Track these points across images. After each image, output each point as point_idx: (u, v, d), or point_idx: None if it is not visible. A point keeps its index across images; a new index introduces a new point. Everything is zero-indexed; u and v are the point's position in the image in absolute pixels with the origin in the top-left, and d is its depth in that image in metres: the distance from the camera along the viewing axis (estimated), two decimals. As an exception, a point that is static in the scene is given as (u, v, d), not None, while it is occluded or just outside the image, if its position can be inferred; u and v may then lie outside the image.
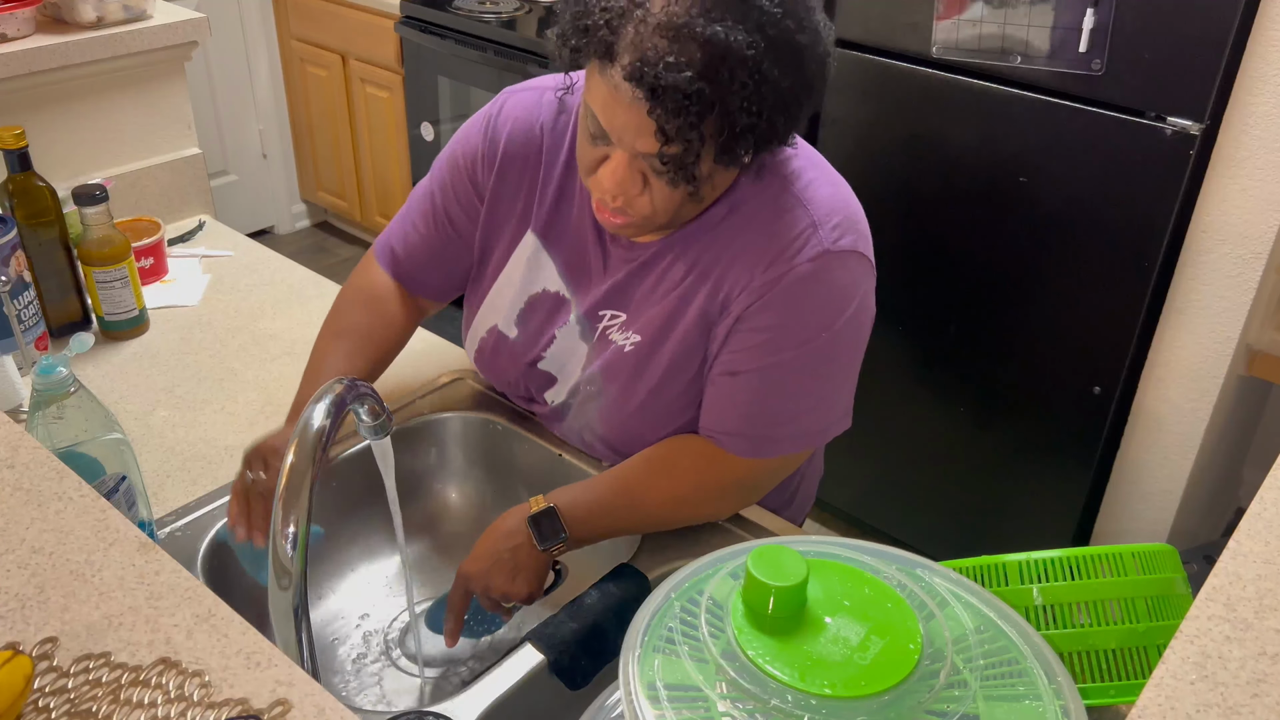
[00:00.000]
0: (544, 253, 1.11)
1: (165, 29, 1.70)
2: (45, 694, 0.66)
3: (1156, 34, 1.65)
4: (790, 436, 1.05)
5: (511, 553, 1.05)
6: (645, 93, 0.83)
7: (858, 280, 1.01)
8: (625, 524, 1.09)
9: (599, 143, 0.91)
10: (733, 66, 0.82)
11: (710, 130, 0.85)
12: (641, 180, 0.92)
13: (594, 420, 1.15)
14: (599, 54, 0.86)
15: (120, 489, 0.99)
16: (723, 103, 0.83)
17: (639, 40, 0.83)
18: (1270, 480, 0.73)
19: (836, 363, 1.04)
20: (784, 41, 0.84)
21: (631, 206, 0.94)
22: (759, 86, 0.83)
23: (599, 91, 0.88)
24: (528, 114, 1.09)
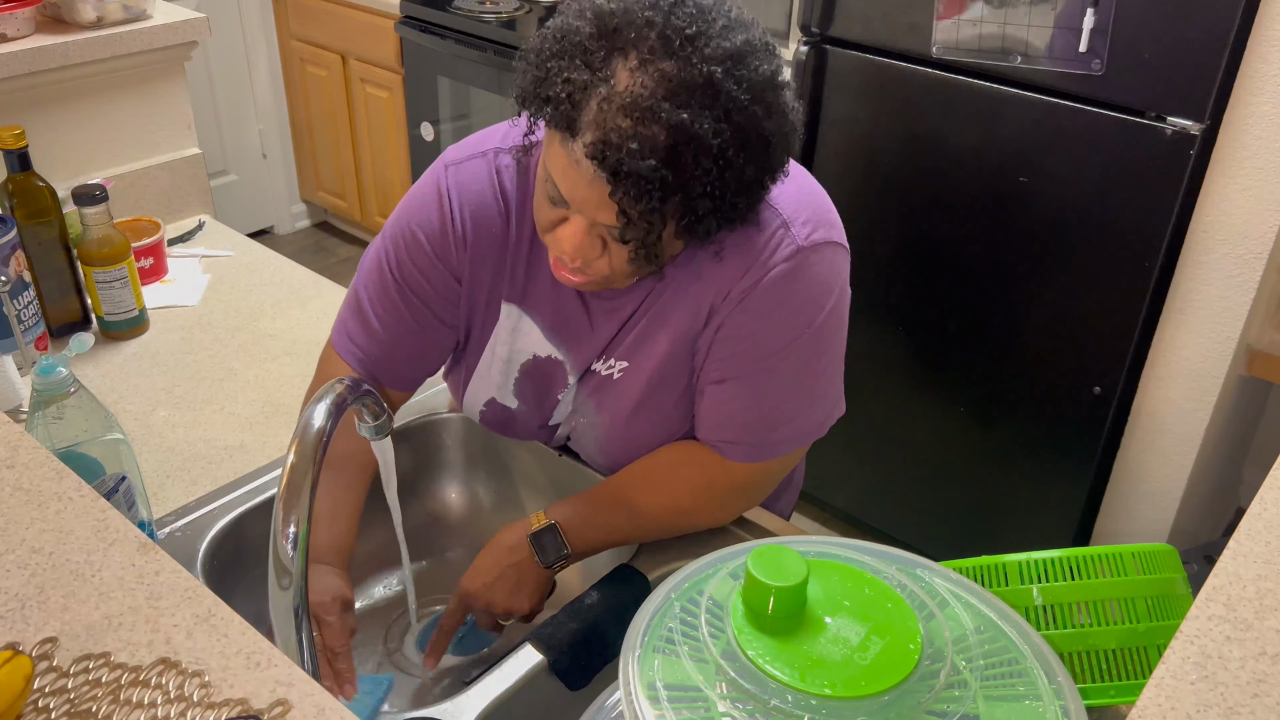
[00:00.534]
0: (525, 318, 1.07)
1: (165, 29, 1.70)
2: (45, 694, 0.66)
3: (1156, 34, 1.65)
4: (788, 437, 1.05)
5: (515, 569, 1.04)
6: (608, 175, 0.81)
7: (835, 271, 1.01)
8: (626, 535, 1.09)
9: (558, 206, 0.89)
10: (697, 154, 0.80)
11: (671, 212, 0.83)
12: (601, 244, 0.90)
13: (593, 451, 1.15)
14: (559, 126, 0.83)
15: (120, 489, 0.99)
16: (685, 189, 0.81)
17: (602, 119, 0.80)
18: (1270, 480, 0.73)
19: (823, 357, 1.03)
20: (751, 128, 0.82)
21: (590, 267, 0.92)
22: (723, 173, 0.81)
23: (559, 160, 0.85)
24: (480, 184, 1.03)
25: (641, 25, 0.81)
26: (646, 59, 0.80)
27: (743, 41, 0.82)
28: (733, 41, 0.81)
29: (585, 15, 0.84)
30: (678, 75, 0.79)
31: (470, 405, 1.17)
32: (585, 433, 1.14)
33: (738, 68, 0.81)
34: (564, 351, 1.08)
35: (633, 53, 0.80)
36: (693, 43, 0.80)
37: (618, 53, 0.81)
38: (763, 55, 0.83)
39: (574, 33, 0.83)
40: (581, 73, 0.81)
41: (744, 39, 0.82)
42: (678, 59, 0.79)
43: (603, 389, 1.08)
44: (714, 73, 0.79)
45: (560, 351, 1.08)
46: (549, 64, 0.84)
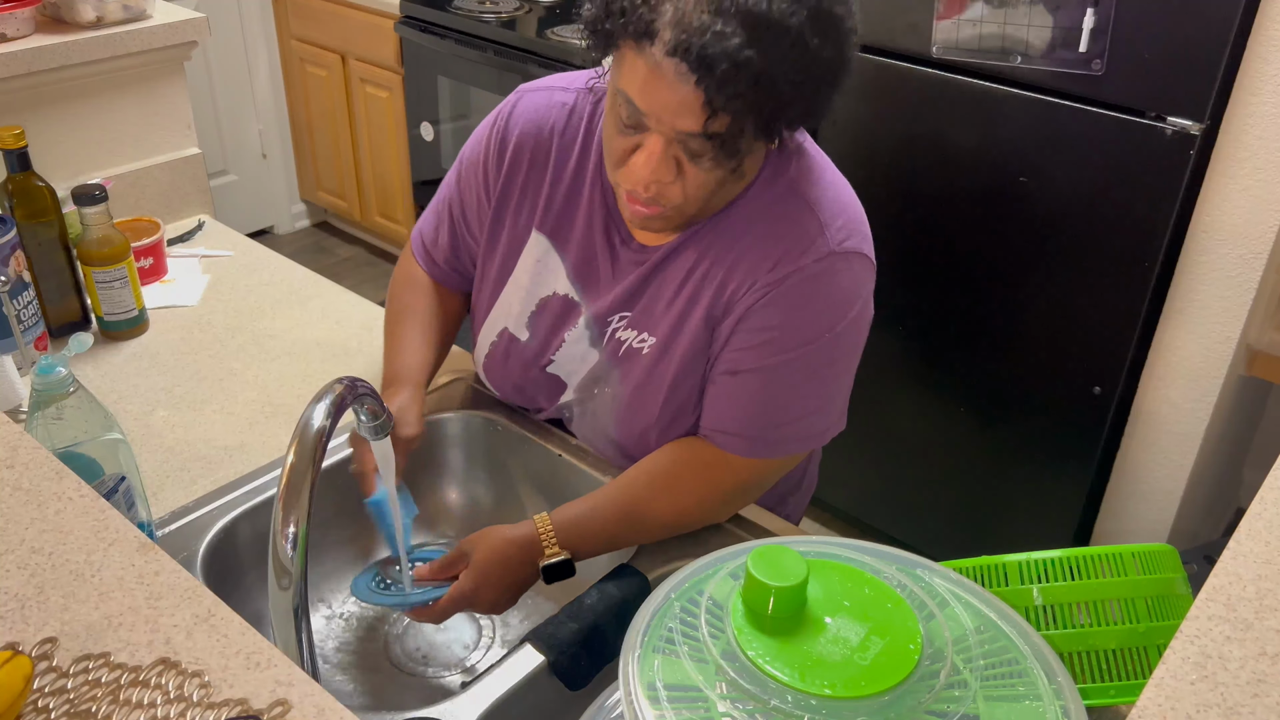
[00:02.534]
0: (554, 254, 1.11)
1: (165, 29, 1.70)
2: (45, 694, 0.66)
3: (1156, 34, 1.65)
4: (790, 437, 1.05)
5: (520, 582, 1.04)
6: (692, 64, 0.82)
7: (861, 282, 1.01)
8: (629, 542, 1.09)
9: (631, 132, 0.91)
10: (777, 35, 0.81)
11: (755, 102, 0.84)
12: (675, 167, 0.91)
13: (607, 423, 1.14)
14: (637, 34, 0.85)
15: (120, 489, 0.99)
16: (769, 72, 0.82)
17: (680, 15, 0.82)
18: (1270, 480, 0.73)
19: (837, 365, 1.04)
20: (824, 11, 0.84)
21: (664, 195, 0.93)
22: (802, 55, 0.83)
23: (636, 73, 0.87)
24: (538, 115, 1.10)
25: None
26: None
27: None
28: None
29: None
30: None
31: (486, 335, 1.20)
32: (603, 404, 1.14)
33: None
34: (581, 294, 1.11)
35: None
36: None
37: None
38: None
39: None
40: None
41: None
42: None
43: (629, 361, 1.09)
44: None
45: (579, 294, 1.11)
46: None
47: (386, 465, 1.05)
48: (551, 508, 1.09)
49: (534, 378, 1.18)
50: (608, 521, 1.06)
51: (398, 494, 1.06)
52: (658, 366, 1.07)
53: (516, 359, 1.18)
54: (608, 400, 1.13)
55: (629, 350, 1.09)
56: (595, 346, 1.11)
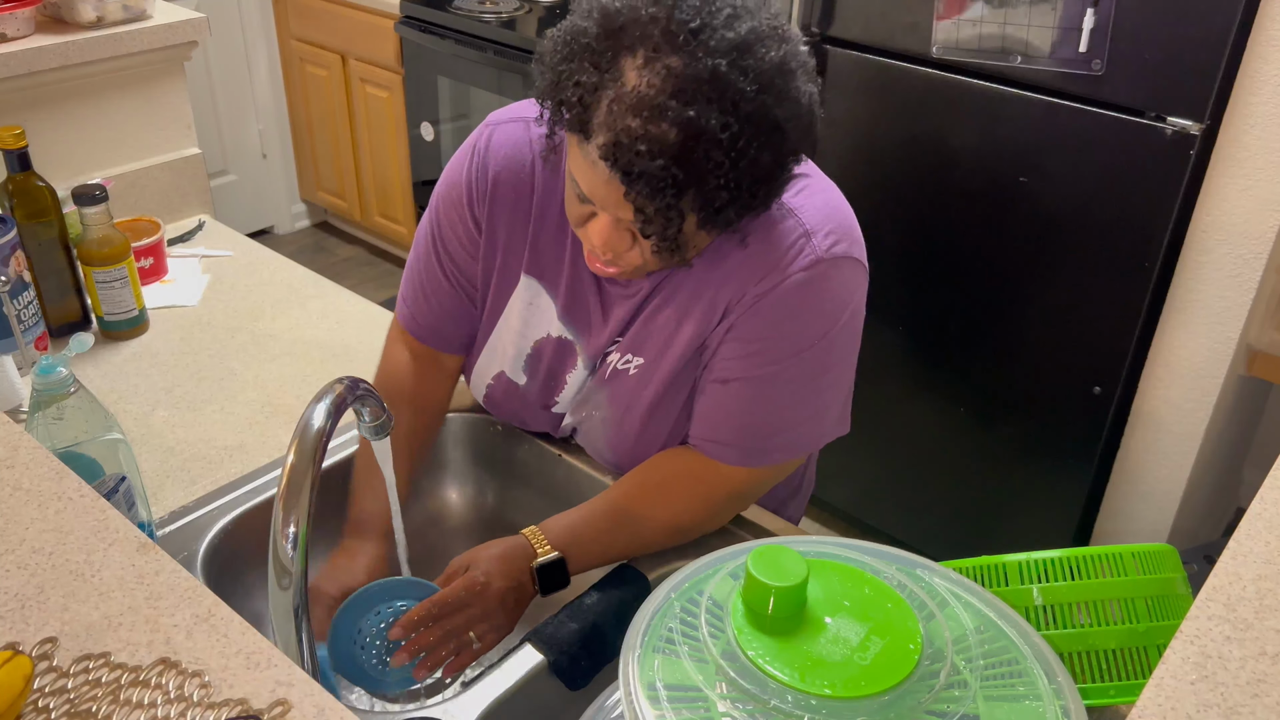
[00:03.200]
0: (544, 295, 1.08)
1: (165, 29, 1.70)
2: (45, 694, 0.66)
3: (1156, 34, 1.65)
4: (782, 446, 1.04)
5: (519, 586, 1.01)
6: (620, 175, 0.81)
7: (852, 287, 1.00)
8: (623, 553, 1.08)
9: (585, 203, 0.90)
10: (708, 148, 0.79)
11: (690, 206, 0.84)
12: (630, 237, 0.91)
13: (600, 445, 1.14)
14: (574, 128, 0.84)
15: (120, 489, 0.99)
16: (699, 184, 0.81)
17: (612, 120, 0.81)
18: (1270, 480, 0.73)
19: (831, 372, 1.03)
20: (761, 117, 0.81)
21: (621, 259, 0.93)
22: (736, 164, 0.81)
23: (578, 160, 0.87)
24: (517, 150, 1.05)
25: (646, 22, 0.81)
26: (652, 56, 0.80)
27: (748, 30, 0.81)
28: (737, 31, 0.81)
29: (592, 15, 0.84)
30: (684, 71, 0.79)
31: (479, 378, 1.17)
32: (594, 427, 1.13)
33: (744, 58, 0.80)
34: (574, 334, 1.09)
35: (639, 50, 0.81)
36: (697, 36, 0.80)
37: (625, 51, 0.81)
38: (770, 42, 0.82)
39: (581, 34, 0.84)
40: (590, 75, 0.82)
41: (750, 27, 0.81)
42: (683, 54, 0.79)
43: (616, 382, 1.08)
44: (719, 65, 0.79)
45: (571, 333, 1.09)
46: (560, 67, 0.85)
47: (386, 465, 1.05)
48: (551, 508, 1.09)
49: (537, 415, 1.18)
50: (601, 529, 1.05)
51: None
52: (645, 387, 1.06)
53: (518, 401, 1.17)
54: (598, 422, 1.12)
55: (614, 372, 1.08)
56: (592, 376, 1.11)
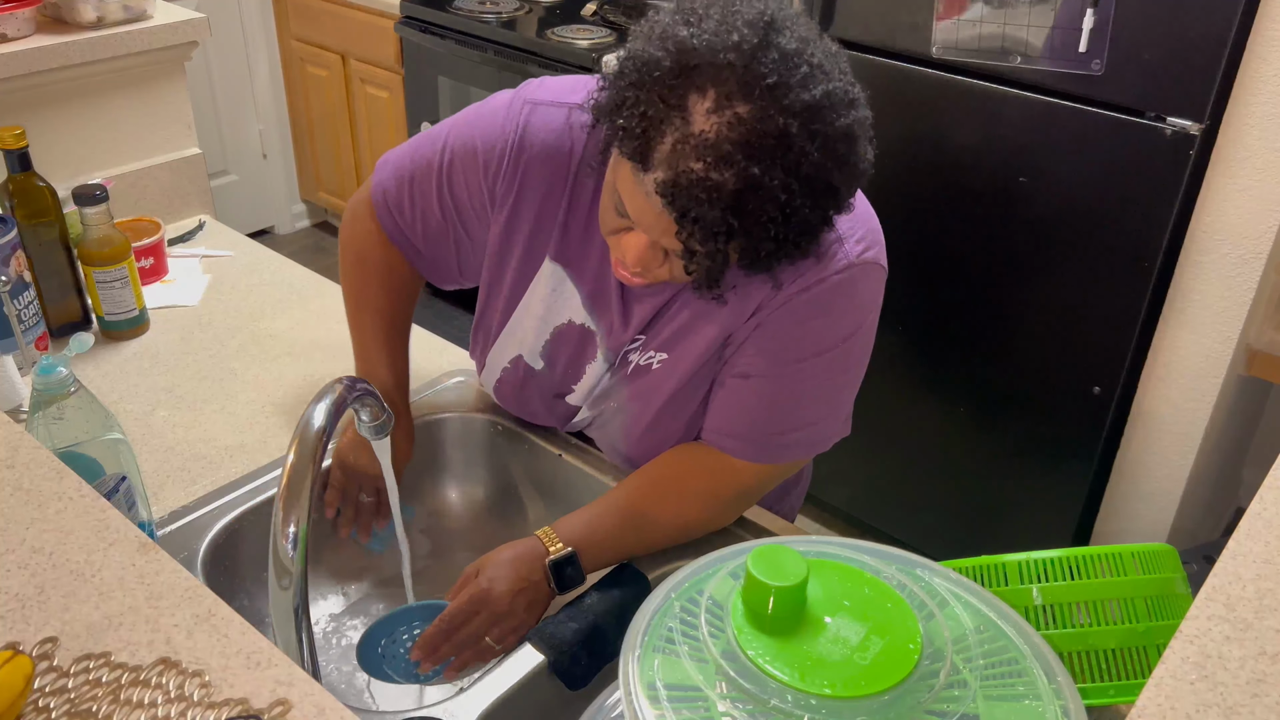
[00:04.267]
0: (569, 282, 1.07)
1: (165, 29, 1.70)
2: (45, 694, 0.66)
3: (1156, 34, 1.65)
4: (796, 443, 1.05)
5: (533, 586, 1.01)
6: (676, 214, 0.81)
7: (876, 292, 1.02)
8: (634, 551, 1.08)
9: (623, 217, 0.89)
10: (764, 202, 0.80)
11: (734, 249, 0.84)
12: (663, 255, 0.90)
13: (617, 439, 1.14)
14: (633, 156, 0.83)
15: (120, 489, 0.99)
16: (749, 234, 0.81)
17: (675, 159, 0.80)
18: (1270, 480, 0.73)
19: (850, 372, 1.04)
20: (819, 180, 0.81)
21: (650, 273, 0.93)
22: (787, 220, 0.81)
23: (629, 184, 0.85)
24: (556, 137, 1.03)
25: (723, 67, 0.79)
26: (724, 103, 0.79)
27: (823, 94, 0.80)
28: (812, 94, 0.80)
29: (667, 46, 0.82)
30: (753, 123, 0.78)
31: (494, 362, 1.17)
32: (611, 420, 1.13)
33: (814, 121, 0.80)
34: (596, 324, 1.08)
35: (711, 91, 0.80)
36: (772, 92, 0.79)
37: (695, 90, 0.80)
38: (842, 107, 0.82)
39: (654, 64, 0.82)
40: (658, 108, 0.81)
41: (824, 90, 0.81)
42: (755, 105, 0.79)
43: (638, 378, 1.08)
44: (790, 125, 0.78)
45: (593, 323, 1.08)
46: (626, 92, 0.84)
47: (386, 464, 1.05)
48: (552, 509, 1.09)
49: (550, 405, 1.18)
50: (611, 526, 1.05)
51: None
52: (667, 381, 1.06)
53: (534, 389, 1.16)
54: (615, 415, 1.12)
55: (637, 368, 1.08)
56: (612, 371, 1.10)
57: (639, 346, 1.07)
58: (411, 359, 1.22)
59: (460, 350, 1.39)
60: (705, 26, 0.82)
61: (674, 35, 0.83)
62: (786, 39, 0.81)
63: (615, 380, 1.10)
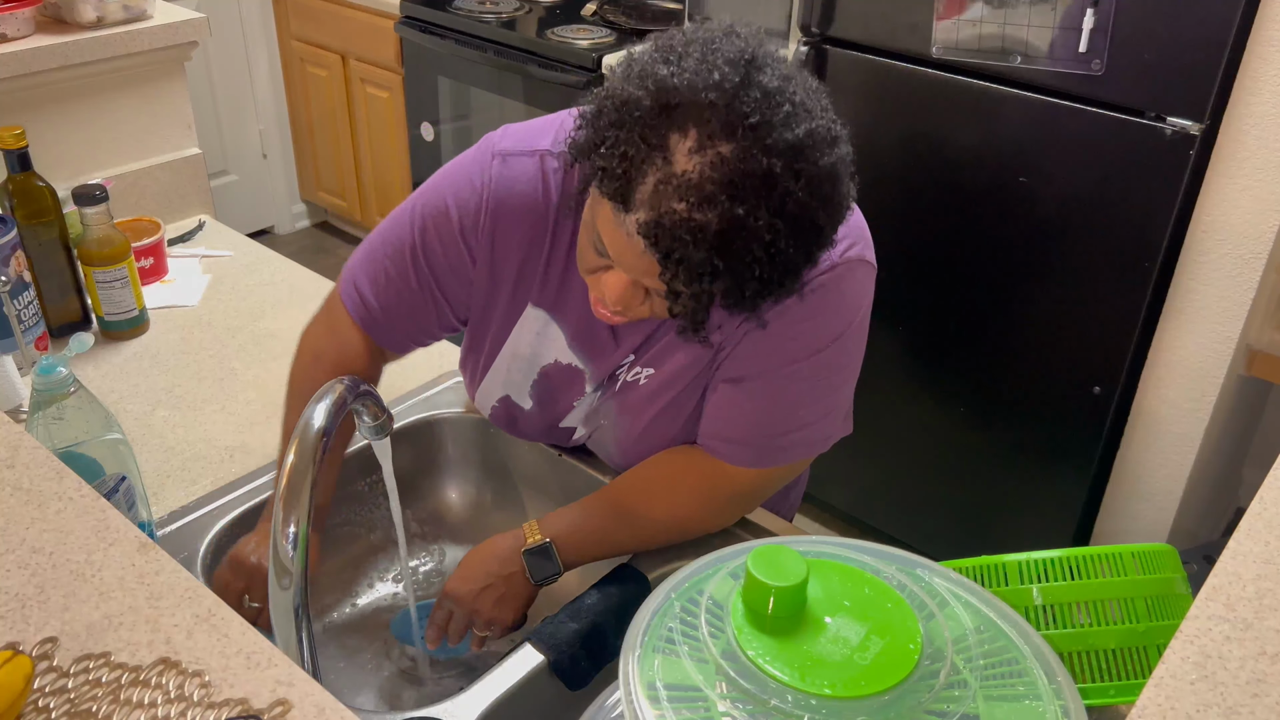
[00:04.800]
0: (553, 325, 1.07)
1: (165, 29, 1.70)
2: (45, 694, 0.66)
3: (1156, 34, 1.65)
4: (792, 446, 1.04)
5: (504, 580, 1.04)
6: (659, 256, 0.80)
7: (865, 288, 1.01)
8: (623, 547, 1.08)
9: (603, 256, 0.88)
10: (748, 242, 0.78)
11: (718, 290, 0.83)
12: (644, 293, 0.89)
13: (611, 450, 1.15)
14: (613, 196, 0.81)
15: (120, 489, 0.99)
16: (733, 274, 0.80)
17: (657, 200, 0.78)
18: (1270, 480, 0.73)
19: (843, 371, 1.03)
20: (804, 219, 0.80)
21: (630, 311, 0.92)
22: (772, 260, 0.80)
23: (609, 225, 0.84)
24: (530, 186, 1.01)
25: (704, 106, 0.78)
26: (706, 142, 0.78)
27: (805, 133, 0.80)
28: (795, 133, 0.79)
29: (647, 86, 0.81)
30: (736, 163, 0.77)
31: (482, 400, 1.16)
32: (605, 434, 1.14)
33: (798, 161, 0.79)
34: (585, 361, 1.08)
35: (692, 131, 0.78)
36: (755, 131, 0.78)
37: (676, 129, 0.79)
38: (825, 145, 0.81)
39: (635, 105, 0.81)
40: (638, 148, 0.79)
41: (807, 130, 0.80)
42: (738, 145, 0.78)
43: (626, 394, 1.08)
44: (774, 165, 0.78)
45: (581, 361, 1.08)
46: (606, 132, 0.82)
47: (386, 465, 1.05)
48: (552, 508, 1.09)
49: (546, 434, 1.18)
50: (598, 520, 1.06)
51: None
52: (655, 396, 1.06)
53: (524, 423, 1.17)
54: (607, 430, 1.13)
55: (625, 384, 1.08)
56: (602, 396, 1.10)
57: (628, 365, 1.07)
58: (410, 359, 1.22)
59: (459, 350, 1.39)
60: (685, 65, 0.80)
61: (654, 74, 0.81)
62: (768, 77, 0.80)
63: (604, 398, 1.10)
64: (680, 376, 1.04)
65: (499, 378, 1.13)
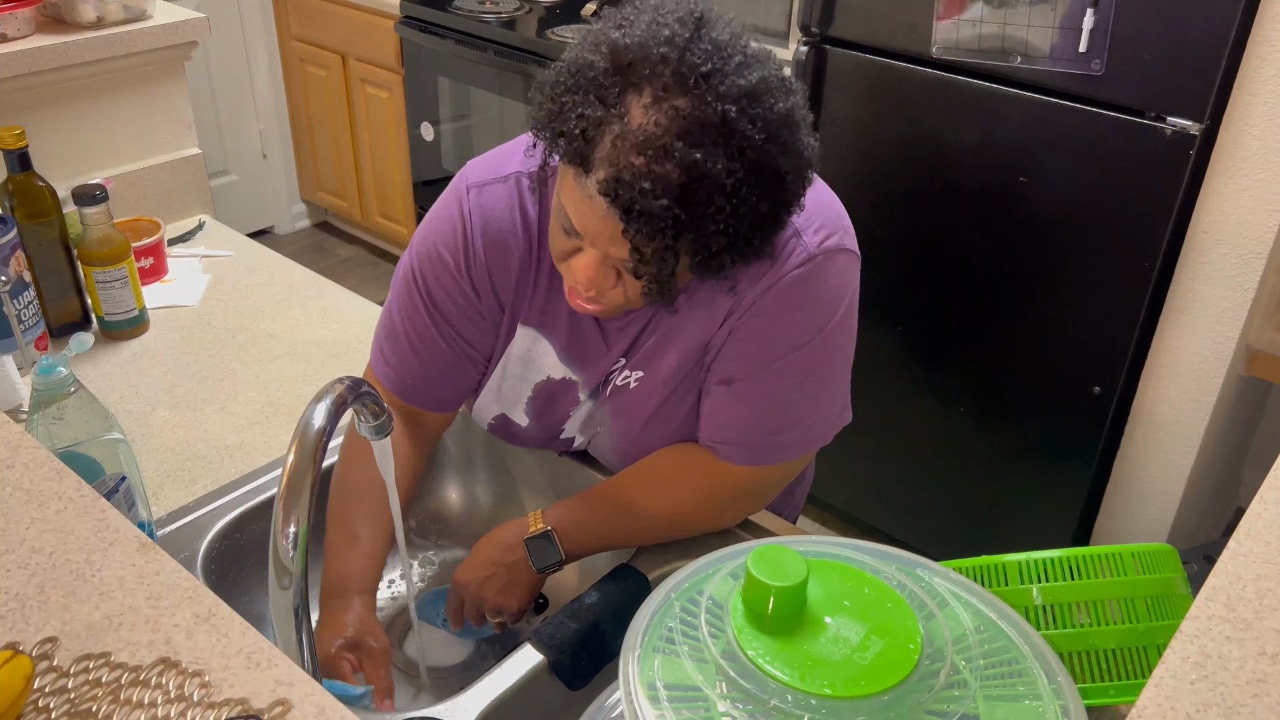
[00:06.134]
0: (542, 341, 1.07)
1: (165, 29, 1.70)
2: (45, 694, 0.66)
3: (1156, 34, 1.65)
4: (790, 442, 1.05)
5: (507, 569, 1.06)
6: (620, 212, 0.80)
7: (847, 278, 1.01)
8: (623, 540, 1.09)
9: (572, 236, 0.89)
10: (710, 192, 0.79)
11: (685, 249, 0.83)
12: (615, 275, 0.90)
13: (609, 454, 1.15)
14: (573, 161, 0.83)
15: (120, 489, 0.99)
16: (698, 227, 0.81)
17: (615, 156, 0.80)
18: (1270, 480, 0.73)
19: (833, 364, 1.03)
20: (765, 166, 0.81)
21: (604, 297, 0.92)
22: (736, 210, 0.81)
23: (572, 194, 0.85)
24: (508, 212, 1.02)
25: (656, 61, 0.80)
26: (660, 96, 0.79)
27: (758, 79, 0.81)
28: (748, 79, 0.80)
29: (600, 49, 0.83)
30: (692, 113, 0.79)
31: (479, 414, 1.17)
32: (602, 439, 1.14)
33: (753, 106, 0.80)
34: (577, 371, 1.08)
35: (647, 88, 0.80)
36: (707, 80, 0.79)
37: (631, 88, 0.80)
38: (779, 92, 0.82)
39: (588, 67, 0.82)
40: (595, 108, 0.81)
41: (760, 76, 0.81)
42: (692, 96, 0.79)
43: (618, 398, 1.08)
44: (728, 111, 0.79)
45: (574, 372, 1.08)
46: (563, 98, 0.84)
47: (386, 465, 1.05)
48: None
49: (543, 443, 1.19)
50: (599, 511, 1.07)
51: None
52: (647, 398, 1.06)
53: (522, 438, 1.18)
54: (605, 437, 1.13)
55: (616, 388, 1.08)
56: (596, 401, 1.11)
57: (619, 369, 1.07)
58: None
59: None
60: (636, 28, 0.83)
61: (606, 39, 0.83)
62: (718, 31, 0.82)
63: (599, 405, 1.11)
64: (671, 378, 1.04)
65: (491, 396, 1.14)
